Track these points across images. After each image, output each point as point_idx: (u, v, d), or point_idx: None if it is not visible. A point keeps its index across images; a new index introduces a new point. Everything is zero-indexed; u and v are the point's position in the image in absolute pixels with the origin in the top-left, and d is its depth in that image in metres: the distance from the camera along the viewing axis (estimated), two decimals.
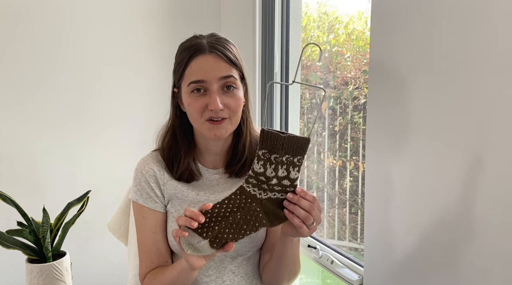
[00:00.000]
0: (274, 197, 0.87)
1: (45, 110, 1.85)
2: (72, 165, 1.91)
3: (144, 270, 1.08)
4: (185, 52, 1.01)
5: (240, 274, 1.11)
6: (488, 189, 0.84)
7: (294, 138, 0.84)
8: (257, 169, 0.86)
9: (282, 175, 0.86)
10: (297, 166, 0.86)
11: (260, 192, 0.87)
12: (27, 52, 1.80)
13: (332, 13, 1.71)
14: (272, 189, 0.86)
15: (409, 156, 1.02)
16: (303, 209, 0.87)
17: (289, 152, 0.85)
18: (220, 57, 0.99)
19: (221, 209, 0.85)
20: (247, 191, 0.87)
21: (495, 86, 0.82)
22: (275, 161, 0.85)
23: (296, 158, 0.86)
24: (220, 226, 0.83)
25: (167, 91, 1.11)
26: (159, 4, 1.99)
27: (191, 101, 1.00)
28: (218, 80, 0.99)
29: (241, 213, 0.85)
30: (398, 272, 1.07)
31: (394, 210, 1.07)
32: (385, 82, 1.07)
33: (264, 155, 0.85)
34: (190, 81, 1.00)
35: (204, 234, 0.82)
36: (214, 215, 0.84)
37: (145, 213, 1.08)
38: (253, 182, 0.87)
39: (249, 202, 0.86)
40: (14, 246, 1.25)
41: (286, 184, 0.87)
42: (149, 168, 1.09)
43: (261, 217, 0.86)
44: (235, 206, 0.85)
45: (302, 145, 0.85)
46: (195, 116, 1.01)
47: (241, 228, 0.84)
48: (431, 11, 0.93)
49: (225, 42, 1.03)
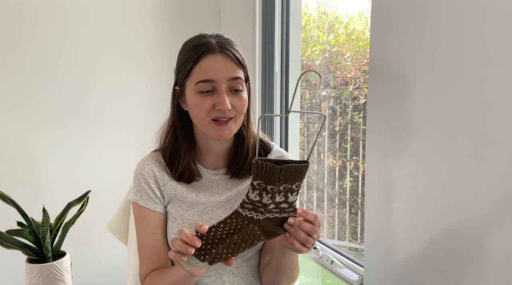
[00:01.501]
0: (272, 216, 0.83)
1: (46, 111, 1.86)
2: (72, 165, 1.91)
3: (144, 271, 1.08)
4: (194, 50, 1.00)
5: (239, 275, 1.11)
6: (488, 189, 0.84)
7: (291, 168, 0.78)
8: (253, 198, 0.81)
9: (280, 201, 0.82)
10: (295, 191, 0.82)
11: (257, 214, 0.82)
12: (29, 53, 1.81)
13: (332, 13, 1.71)
14: (269, 211, 0.82)
15: (409, 156, 1.02)
16: (303, 232, 0.84)
17: (287, 182, 0.79)
18: (230, 57, 0.99)
19: (217, 232, 0.80)
20: (243, 215, 0.82)
21: (495, 86, 0.82)
22: (271, 191, 0.80)
23: (294, 184, 0.81)
24: (218, 248, 0.80)
25: (167, 91, 1.10)
26: (159, 5, 1.99)
27: (198, 100, 0.99)
28: (227, 80, 0.98)
29: (239, 235, 0.81)
30: (398, 272, 1.07)
31: (394, 210, 1.07)
32: (385, 82, 1.07)
33: (259, 185, 0.80)
34: (198, 80, 0.98)
35: (202, 257, 0.79)
36: (210, 238, 0.80)
37: (145, 214, 1.08)
38: (249, 207, 0.82)
39: (246, 223, 0.82)
40: (14, 246, 1.25)
41: (284, 207, 0.83)
42: (149, 169, 1.08)
43: (259, 234, 0.82)
44: (232, 229, 0.81)
45: (300, 172, 0.80)
46: (201, 116, 1.00)
47: (239, 247, 0.81)
48: (431, 11, 0.93)
49: (232, 43, 1.02)
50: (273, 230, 0.84)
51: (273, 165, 0.77)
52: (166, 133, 1.10)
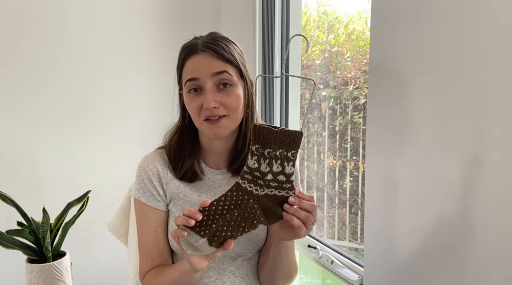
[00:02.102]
0: (271, 193, 0.86)
1: (46, 111, 1.86)
2: (72, 165, 1.91)
3: (144, 268, 1.08)
4: (182, 53, 1.04)
5: (240, 275, 1.11)
6: (488, 189, 0.84)
7: (286, 132, 0.83)
8: (251, 165, 0.85)
9: (277, 170, 0.85)
10: (291, 160, 0.85)
11: (257, 188, 0.85)
12: (29, 53, 1.81)
13: (332, 13, 1.71)
14: (268, 185, 0.85)
15: (409, 156, 1.02)
16: (304, 210, 0.85)
17: (283, 147, 0.84)
18: (212, 55, 0.99)
19: (218, 206, 0.84)
20: (243, 188, 0.86)
21: (495, 86, 0.82)
22: (268, 156, 0.84)
23: (290, 152, 0.84)
24: (218, 223, 0.82)
25: (168, 92, 1.11)
26: (159, 5, 1.99)
27: (188, 101, 1.01)
28: (211, 76, 0.99)
29: (238, 210, 0.84)
30: (398, 272, 1.07)
31: (394, 210, 1.07)
32: (385, 82, 1.07)
33: (257, 150, 0.84)
34: (185, 80, 1.01)
35: (202, 233, 0.82)
36: (211, 212, 0.83)
37: (147, 211, 1.08)
38: (248, 178, 0.86)
39: (245, 199, 0.85)
40: (14, 246, 1.25)
41: (282, 179, 0.85)
42: (153, 166, 1.09)
43: (259, 214, 0.85)
44: (232, 203, 0.84)
45: (295, 139, 0.83)
46: (194, 116, 1.02)
47: (239, 225, 0.84)
48: (431, 11, 0.93)
49: (221, 40, 1.02)
50: (272, 209, 0.85)
51: (270, 128, 0.83)
52: (174, 132, 1.11)
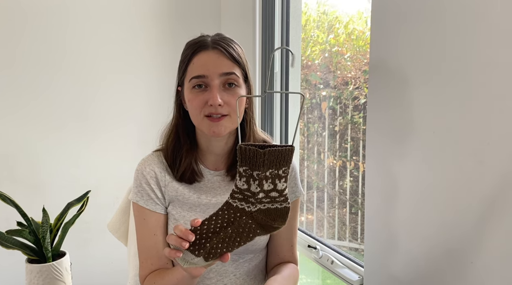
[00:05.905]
0: (264, 208, 0.81)
1: (46, 111, 1.86)
2: (72, 165, 1.91)
3: (144, 272, 1.08)
4: (189, 49, 1.02)
5: (241, 276, 1.11)
6: (488, 189, 0.84)
7: (275, 152, 0.76)
8: (240, 186, 0.80)
9: (269, 189, 0.79)
10: (283, 177, 0.79)
11: (249, 205, 0.80)
12: (29, 54, 1.81)
13: (332, 13, 1.71)
14: (260, 201, 0.80)
15: (409, 156, 1.01)
16: None
17: (272, 166, 0.77)
18: (223, 53, 0.99)
19: (210, 225, 0.79)
20: (234, 206, 0.80)
21: (495, 86, 0.82)
22: (258, 178, 0.78)
23: (281, 170, 0.78)
24: (212, 242, 0.78)
25: (167, 92, 1.11)
26: (159, 5, 1.99)
27: (192, 96, 1.01)
28: (219, 76, 0.99)
29: (232, 228, 0.79)
30: (398, 272, 1.07)
31: (394, 210, 1.07)
32: (385, 82, 1.07)
33: (245, 172, 0.78)
34: (192, 76, 1.00)
35: (197, 252, 0.78)
36: (204, 231, 0.79)
37: (146, 215, 1.08)
38: (239, 197, 0.80)
39: (238, 216, 0.80)
40: (14, 246, 1.25)
41: (274, 195, 0.80)
42: (150, 169, 1.08)
43: (254, 227, 0.80)
44: (225, 221, 0.80)
45: (285, 156, 0.78)
46: (195, 112, 1.01)
47: (234, 241, 0.79)
48: (431, 11, 0.93)
49: (230, 41, 1.03)
50: (268, 223, 0.81)
51: (256, 149, 0.76)
52: (169, 132, 1.10)
